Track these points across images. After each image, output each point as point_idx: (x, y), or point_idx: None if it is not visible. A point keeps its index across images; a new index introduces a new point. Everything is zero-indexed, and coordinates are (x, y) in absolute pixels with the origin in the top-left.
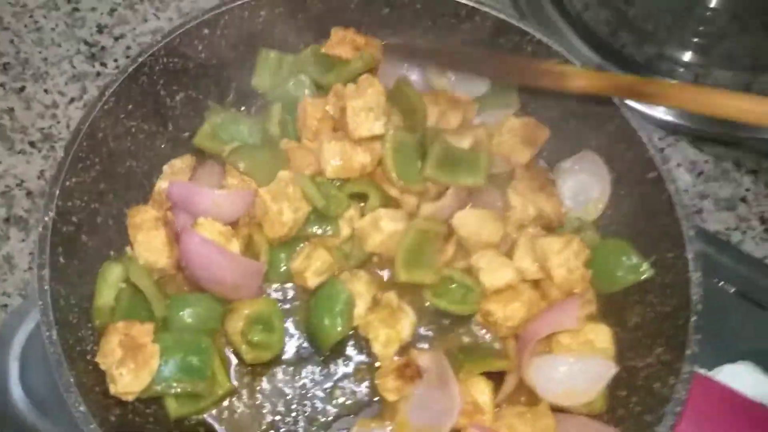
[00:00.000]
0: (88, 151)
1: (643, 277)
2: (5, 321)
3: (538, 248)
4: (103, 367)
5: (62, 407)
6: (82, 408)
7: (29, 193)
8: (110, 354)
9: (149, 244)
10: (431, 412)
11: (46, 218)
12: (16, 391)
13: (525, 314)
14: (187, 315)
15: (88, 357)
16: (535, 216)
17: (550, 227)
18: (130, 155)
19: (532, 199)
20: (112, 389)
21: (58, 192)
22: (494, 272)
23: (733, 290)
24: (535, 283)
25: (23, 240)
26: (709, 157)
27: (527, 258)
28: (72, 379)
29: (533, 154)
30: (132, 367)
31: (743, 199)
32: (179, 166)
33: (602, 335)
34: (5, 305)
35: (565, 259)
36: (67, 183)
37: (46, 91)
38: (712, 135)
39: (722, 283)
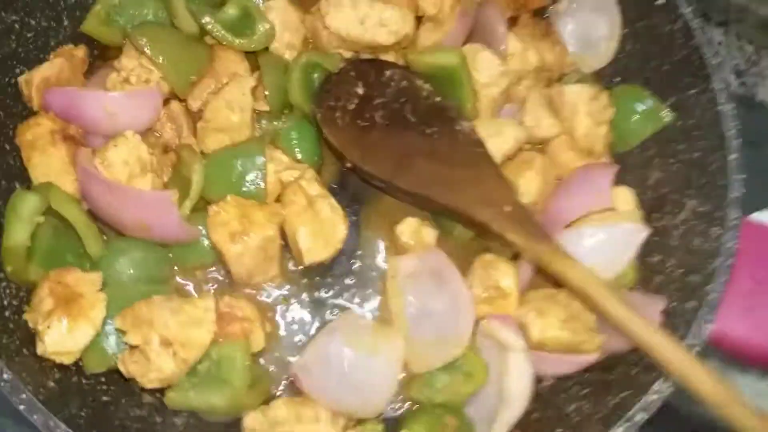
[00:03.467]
0: None
1: (663, 123)
2: None
3: (559, 97)
4: (30, 324)
5: None
6: (7, 375)
7: None
8: (38, 307)
9: (48, 166)
10: (437, 320)
11: None
12: None
13: (540, 185)
14: (123, 262)
15: (6, 313)
16: (536, 66)
17: (549, 81)
18: (16, 58)
19: (534, 46)
20: (39, 348)
21: None
22: (498, 136)
23: None
24: (542, 150)
25: None
26: None
27: (540, 111)
28: None
29: None
30: (64, 320)
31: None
32: (60, 65)
33: (624, 197)
34: None
35: (593, 110)
36: None
37: None
38: None
39: None
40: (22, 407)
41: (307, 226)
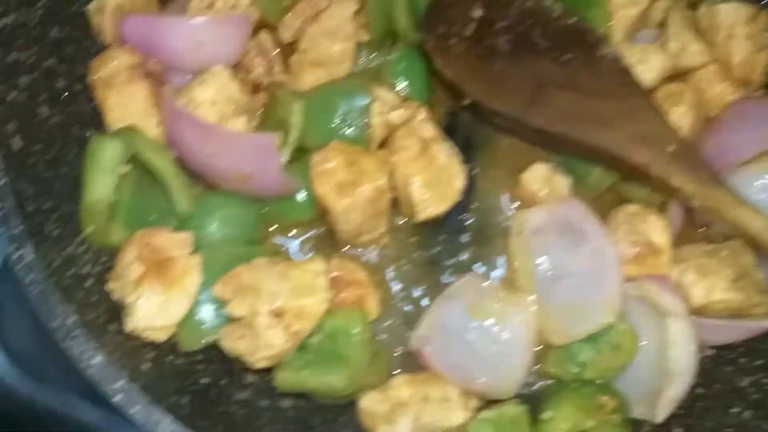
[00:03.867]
0: None
1: None
2: None
3: (709, 19)
4: (115, 295)
5: (63, 368)
6: (98, 358)
7: None
8: (124, 274)
9: (126, 107)
10: (575, 282)
11: None
12: None
13: (692, 122)
14: (216, 220)
15: (88, 284)
16: None
17: (690, 2)
18: None
19: None
20: (129, 324)
21: None
22: (642, 63)
23: None
24: (685, 81)
25: None
26: None
27: (685, 36)
28: (75, 318)
29: None
30: (158, 289)
31: None
32: None
33: None
34: None
35: (752, 32)
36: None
37: None
38: None
39: None
40: (118, 397)
41: (421, 175)
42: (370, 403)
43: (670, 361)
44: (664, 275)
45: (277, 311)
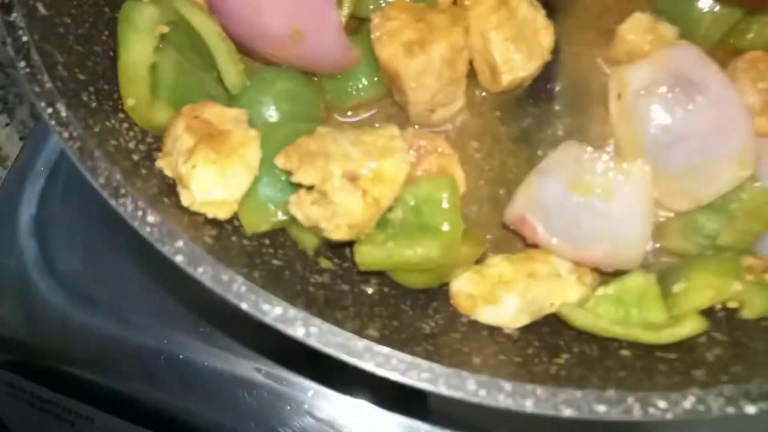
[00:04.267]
0: None
1: None
2: None
3: None
4: (167, 171)
5: (109, 281)
6: (153, 216)
7: None
8: (174, 148)
9: None
10: (694, 141)
11: None
12: (42, 280)
13: None
14: (271, 96)
15: (135, 157)
16: None
17: None
18: None
19: None
20: (185, 199)
21: None
22: None
23: None
24: None
25: None
26: None
27: None
28: (121, 176)
29: None
30: (213, 158)
31: None
32: None
33: None
34: None
35: None
36: None
37: None
38: None
39: None
40: (179, 258)
41: (503, 30)
42: (466, 284)
43: None
44: None
45: (351, 174)
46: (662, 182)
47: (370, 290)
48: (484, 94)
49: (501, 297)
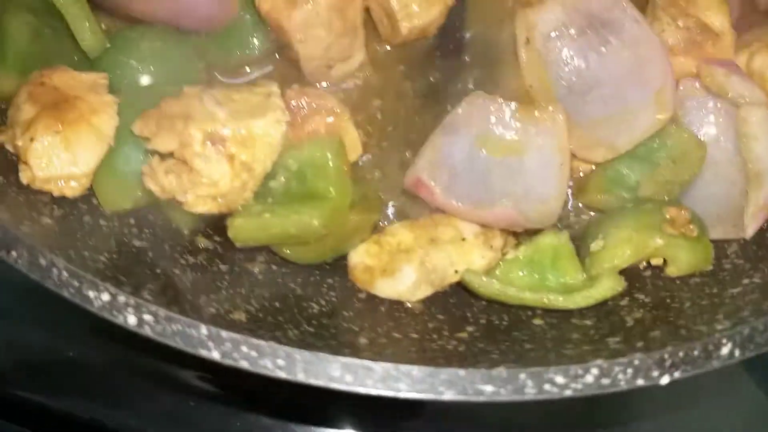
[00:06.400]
0: None
1: None
2: None
3: None
4: (8, 145)
5: None
6: None
7: None
8: (15, 119)
9: None
10: (610, 86)
11: None
12: None
13: None
14: (136, 58)
15: None
16: None
17: None
18: None
19: None
20: (24, 176)
21: None
22: None
23: None
24: None
25: None
26: None
27: None
28: None
29: None
30: (56, 128)
31: None
32: None
33: None
34: None
35: None
36: None
37: None
38: None
39: None
40: None
41: None
42: (362, 256)
43: (752, 161)
44: (730, 60)
45: (214, 137)
46: (578, 132)
47: (255, 269)
48: (388, 48)
49: (399, 267)
